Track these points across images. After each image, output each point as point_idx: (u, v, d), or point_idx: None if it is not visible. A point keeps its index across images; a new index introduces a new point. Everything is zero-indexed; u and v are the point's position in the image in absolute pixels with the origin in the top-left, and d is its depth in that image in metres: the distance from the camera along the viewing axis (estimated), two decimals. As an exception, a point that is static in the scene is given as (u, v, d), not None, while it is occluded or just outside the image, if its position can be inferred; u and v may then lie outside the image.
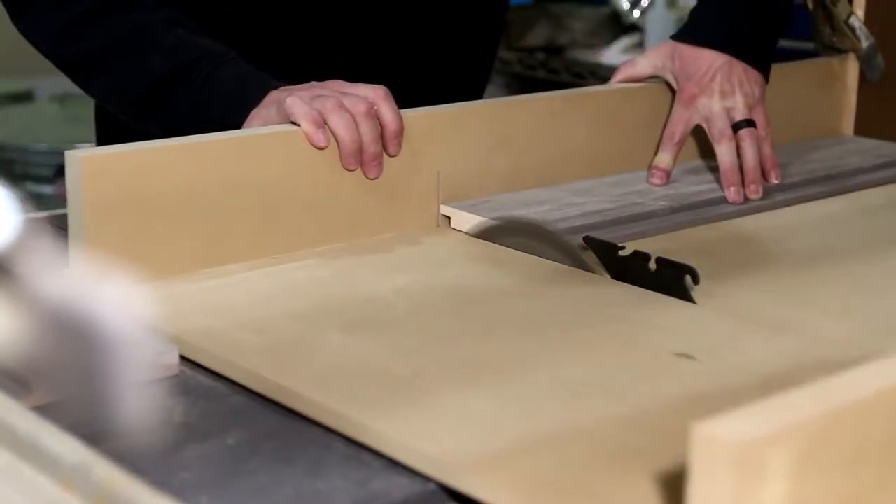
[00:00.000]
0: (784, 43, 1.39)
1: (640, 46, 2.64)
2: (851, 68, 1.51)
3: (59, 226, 1.13)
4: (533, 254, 1.06)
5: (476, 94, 1.42)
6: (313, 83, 1.10)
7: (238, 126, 1.08)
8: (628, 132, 1.30)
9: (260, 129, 1.05)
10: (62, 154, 1.00)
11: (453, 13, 1.35)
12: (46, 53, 1.21)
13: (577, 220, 1.12)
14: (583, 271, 1.03)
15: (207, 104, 1.11)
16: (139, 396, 0.51)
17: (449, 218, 1.14)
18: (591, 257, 1.03)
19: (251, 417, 0.78)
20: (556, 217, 1.13)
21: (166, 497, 0.59)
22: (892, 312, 0.97)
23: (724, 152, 1.25)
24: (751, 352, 0.88)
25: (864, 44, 1.48)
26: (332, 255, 1.05)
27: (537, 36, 2.82)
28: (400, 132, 1.08)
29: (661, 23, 2.55)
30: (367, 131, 1.06)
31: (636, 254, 1.00)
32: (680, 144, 1.28)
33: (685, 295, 0.96)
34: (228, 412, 0.78)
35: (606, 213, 1.16)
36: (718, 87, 1.26)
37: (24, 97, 3.22)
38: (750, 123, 1.26)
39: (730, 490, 0.54)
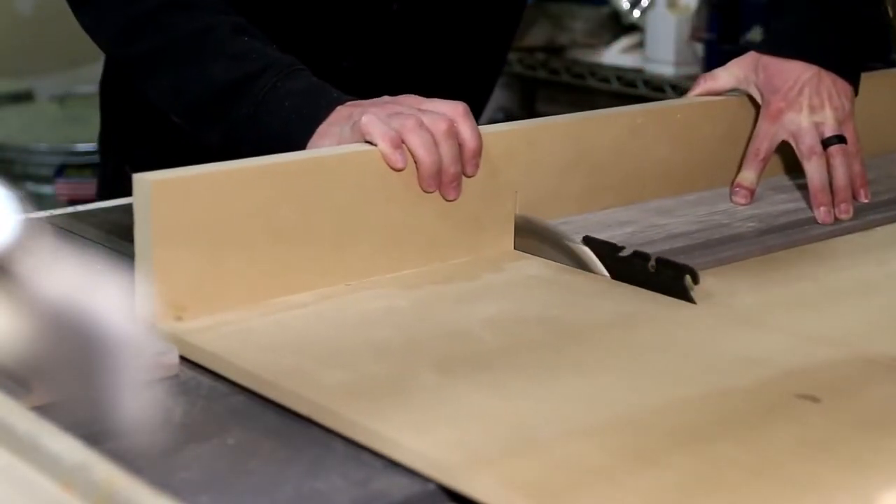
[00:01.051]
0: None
1: (639, 46, 2.64)
2: None
3: (59, 226, 1.13)
4: (533, 254, 1.06)
5: (482, 101, 1.41)
6: (386, 98, 1.04)
7: (302, 142, 1.03)
8: (708, 148, 1.24)
9: (335, 149, 0.99)
10: (62, 154, 0.99)
11: (463, 22, 1.33)
12: (108, 51, 1.20)
13: (664, 244, 1.07)
14: (583, 271, 1.03)
15: (270, 116, 1.05)
16: (139, 396, 0.51)
17: None
18: (591, 257, 1.03)
19: (251, 417, 0.78)
20: (640, 240, 1.07)
21: (166, 497, 0.59)
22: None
23: (813, 170, 1.19)
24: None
25: None
26: (408, 281, 1.00)
27: (537, 36, 2.82)
28: (479, 151, 1.03)
29: (661, 23, 2.54)
30: (447, 151, 1.00)
31: (636, 254, 1.00)
32: (765, 161, 1.22)
33: (685, 295, 0.96)
34: (228, 412, 0.78)
35: (693, 236, 1.10)
36: (807, 101, 1.21)
37: (24, 97, 3.22)
38: (840, 139, 1.20)
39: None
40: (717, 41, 2.44)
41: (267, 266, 0.94)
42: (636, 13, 2.67)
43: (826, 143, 1.20)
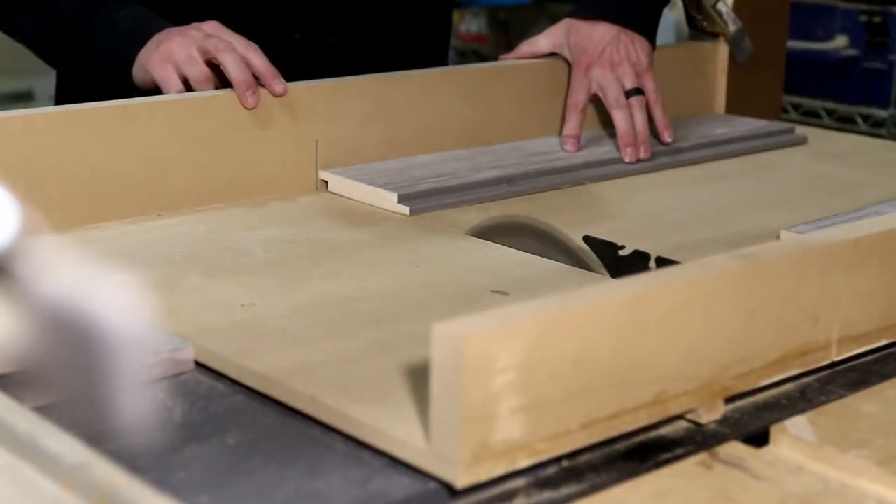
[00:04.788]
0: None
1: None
2: (721, 51, 1.60)
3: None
4: (533, 253, 1.06)
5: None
6: (193, 25, 1.21)
7: (129, 59, 1.20)
8: (501, 108, 1.39)
9: (143, 99, 1.15)
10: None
11: None
12: None
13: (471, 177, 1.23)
14: (583, 271, 1.03)
15: (106, 42, 1.22)
16: (139, 396, 0.51)
17: (326, 182, 1.24)
18: (591, 257, 1.03)
19: (251, 417, 0.78)
20: (427, 175, 1.23)
21: (166, 497, 0.59)
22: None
23: (619, 119, 1.34)
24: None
25: (732, 28, 1.56)
26: (213, 214, 1.15)
27: (537, 36, 2.82)
28: (272, 72, 1.18)
29: (661, 23, 2.54)
30: (232, 63, 1.16)
31: (636, 253, 1.00)
32: (584, 111, 1.37)
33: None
34: (228, 412, 0.78)
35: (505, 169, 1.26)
36: (608, 58, 1.36)
37: (24, 97, 3.22)
38: (638, 91, 1.35)
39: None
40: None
41: (81, 198, 1.10)
42: (636, 13, 2.66)
43: (627, 94, 1.35)
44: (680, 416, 0.76)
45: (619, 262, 1.01)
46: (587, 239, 1.04)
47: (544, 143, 1.39)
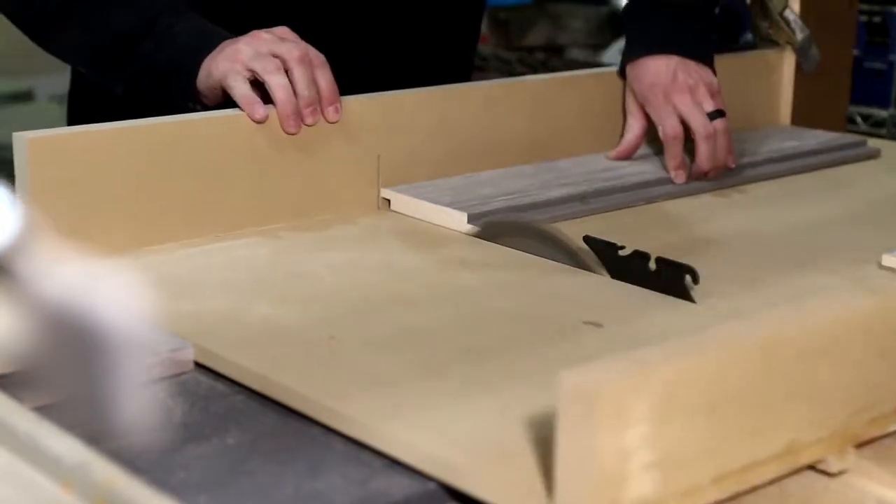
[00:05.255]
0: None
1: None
2: (788, 60, 1.55)
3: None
4: (533, 253, 1.06)
5: (463, 71, 1.45)
6: (260, 32, 1.14)
7: (193, 70, 1.13)
8: (563, 121, 1.34)
9: (203, 114, 1.11)
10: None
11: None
12: (7, 10, 1.24)
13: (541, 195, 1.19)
14: (583, 271, 1.03)
15: (167, 55, 1.15)
16: (139, 396, 0.51)
17: (389, 201, 1.19)
18: (591, 257, 1.03)
19: (251, 417, 0.78)
20: (495, 193, 1.18)
21: (166, 497, 0.59)
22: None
23: (704, 149, 1.29)
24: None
25: (799, 36, 1.52)
26: (272, 234, 1.11)
27: (537, 36, 2.82)
28: (334, 97, 1.14)
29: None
30: (300, 77, 1.11)
31: (636, 253, 1.00)
32: (682, 140, 1.30)
33: (685, 295, 0.96)
34: (228, 412, 0.78)
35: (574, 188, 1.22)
36: (683, 83, 1.31)
37: (24, 97, 3.22)
38: (721, 113, 1.30)
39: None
40: (717, 41, 2.44)
41: (138, 219, 1.05)
42: (636, 13, 2.67)
43: (710, 116, 1.30)
44: (810, 467, 0.72)
45: (619, 262, 1.01)
46: (587, 239, 1.03)
47: (606, 158, 1.34)
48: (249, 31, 1.15)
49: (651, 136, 1.35)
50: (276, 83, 1.10)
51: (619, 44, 2.72)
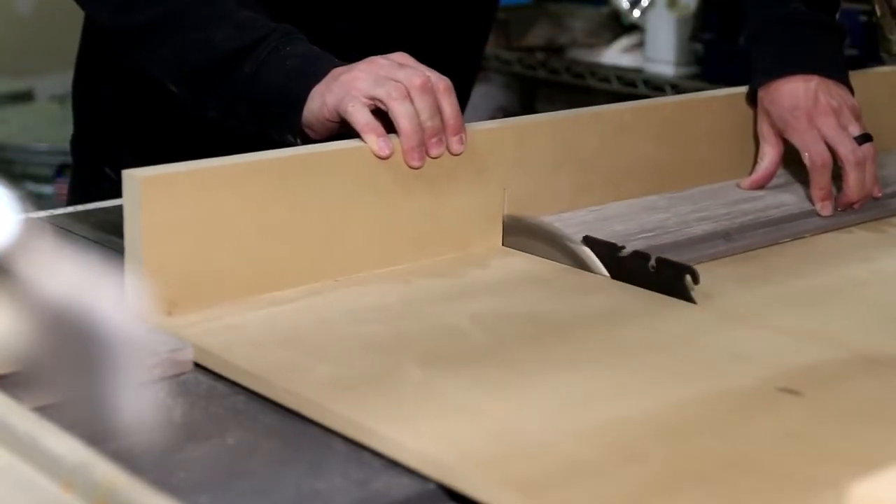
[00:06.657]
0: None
1: (639, 46, 2.64)
2: None
3: (59, 226, 1.13)
4: (533, 253, 1.06)
5: (471, 71, 1.41)
6: (377, 59, 1.05)
7: (301, 97, 1.04)
8: (694, 145, 1.24)
9: (324, 146, 1.00)
10: (62, 154, 0.99)
11: None
12: (104, 22, 1.18)
13: (660, 239, 1.08)
14: (583, 271, 1.03)
15: (271, 75, 1.06)
16: (139, 397, 0.51)
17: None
18: (591, 257, 1.03)
19: (251, 417, 0.78)
20: (630, 230, 1.09)
21: (166, 497, 0.59)
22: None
23: (853, 179, 1.19)
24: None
25: None
26: (397, 277, 1.00)
27: (537, 36, 2.82)
28: (459, 127, 1.03)
29: (660, 23, 2.54)
30: (425, 106, 1.01)
31: (636, 254, 1.00)
32: (830, 167, 1.20)
33: (685, 295, 0.96)
34: (228, 412, 0.78)
35: (682, 232, 1.11)
36: (826, 105, 1.21)
37: (24, 97, 3.22)
38: (867, 137, 1.21)
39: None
40: (717, 41, 2.44)
41: (256, 261, 0.94)
42: (636, 13, 2.67)
43: (858, 140, 1.20)
44: None
45: (619, 262, 1.01)
46: (587, 239, 1.03)
47: (739, 187, 1.24)
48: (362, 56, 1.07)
49: (784, 161, 1.25)
50: (402, 112, 1.00)
51: (620, 43, 2.73)
